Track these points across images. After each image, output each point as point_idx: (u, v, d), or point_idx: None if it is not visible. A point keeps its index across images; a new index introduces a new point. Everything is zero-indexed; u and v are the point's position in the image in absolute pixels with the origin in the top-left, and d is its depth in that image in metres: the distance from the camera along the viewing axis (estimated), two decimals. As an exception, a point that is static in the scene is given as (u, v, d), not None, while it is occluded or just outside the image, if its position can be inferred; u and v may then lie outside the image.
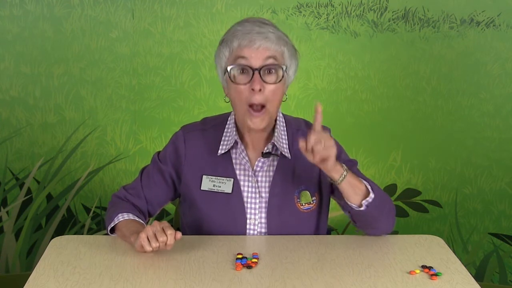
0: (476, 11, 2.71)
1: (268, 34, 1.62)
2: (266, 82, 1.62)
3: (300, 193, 1.74)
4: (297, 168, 1.75)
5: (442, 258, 1.60)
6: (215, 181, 1.74)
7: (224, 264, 1.54)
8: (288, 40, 1.67)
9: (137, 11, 2.72)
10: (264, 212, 1.74)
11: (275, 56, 1.63)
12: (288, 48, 1.66)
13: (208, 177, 1.75)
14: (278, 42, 1.63)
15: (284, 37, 1.66)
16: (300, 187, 1.75)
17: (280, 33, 1.66)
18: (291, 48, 1.67)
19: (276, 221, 1.73)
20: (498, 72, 2.76)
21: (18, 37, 2.72)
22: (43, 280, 1.45)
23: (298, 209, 1.74)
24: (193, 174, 1.76)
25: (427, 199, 2.88)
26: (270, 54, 1.62)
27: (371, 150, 2.85)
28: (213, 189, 1.74)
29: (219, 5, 2.71)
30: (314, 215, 1.78)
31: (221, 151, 1.74)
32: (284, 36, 1.66)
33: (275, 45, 1.62)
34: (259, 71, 1.61)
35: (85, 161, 2.83)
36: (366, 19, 2.74)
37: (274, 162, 1.75)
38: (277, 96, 1.65)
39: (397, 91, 2.80)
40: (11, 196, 2.85)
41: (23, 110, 2.78)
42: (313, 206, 1.76)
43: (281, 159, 1.75)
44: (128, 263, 1.54)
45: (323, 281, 1.45)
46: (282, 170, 1.74)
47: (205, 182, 1.74)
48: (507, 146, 2.82)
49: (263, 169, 1.75)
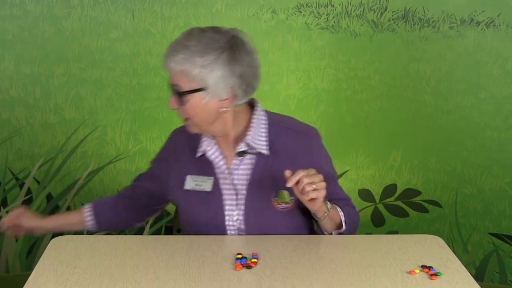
0: (476, 11, 2.71)
1: (171, 57, 1.64)
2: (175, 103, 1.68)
3: (277, 192, 1.72)
4: (277, 166, 1.73)
5: (442, 258, 1.60)
6: (197, 180, 1.78)
7: (223, 264, 1.54)
8: (198, 58, 1.62)
9: (137, 11, 2.72)
10: (242, 210, 1.75)
11: (178, 82, 1.65)
12: (195, 67, 1.62)
13: (191, 176, 1.78)
14: (180, 66, 1.63)
15: (190, 57, 1.62)
16: (279, 186, 1.71)
17: (188, 52, 1.62)
18: (200, 65, 1.62)
19: (254, 218, 1.75)
20: (498, 72, 2.76)
21: (18, 37, 2.72)
22: (43, 280, 1.45)
23: (275, 208, 1.74)
24: (178, 174, 1.81)
25: (427, 199, 2.88)
26: (173, 80, 1.66)
27: (371, 150, 2.85)
28: (195, 188, 1.77)
29: (219, 5, 2.71)
30: (293, 215, 1.76)
31: (198, 154, 1.78)
32: (192, 55, 1.62)
33: (176, 68, 1.63)
34: (172, 92, 1.68)
35: (85, 161, 2.83)
36: (366, 19, 2.74)
37: (251, 160, 1.76)
38: (195, 113, 1.67)
39: (397, 91, 2.80)
40: (11, 196, 2.85)
41: (23, 110, 2.78)
42: (290, 206, 1.75)
43: (260, 157, 1.75)
44: (128, 263, 1.54)
45: (323, 281, 1.45)
46: (260, 168, 1.75)
47: (188, 182, 1.78)
48: (507, 146, 2.82)
49: (240, 167, 1.76)
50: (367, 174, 2.86)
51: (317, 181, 1.56)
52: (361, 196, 2.88)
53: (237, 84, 1.65)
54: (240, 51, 1.65)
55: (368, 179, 2.87)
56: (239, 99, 1.69)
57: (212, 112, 1.68)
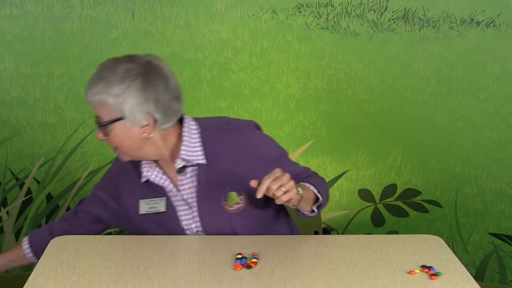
0: (476, 11, 2.71)
1: (88, 90, 1.67)
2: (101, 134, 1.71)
3: (226, 195, 1.72)
4: (218, 171, 1.74)
5: (442, 258, 1.60)
6: (150, 203, 1.79)
7: (223, 264, 1.54)
8: (114, 88, 1.64)
9: (137, 11, 2.72)
10: (198, 221, 1.76)
11: (98, 114, 1.68)
12: (110, 98, 1.64)
13: (144, 200, 1.79)
14: (96, 98, 1.66)
15: (104, 89, 1.64)
16: (226, 189, 1.71)
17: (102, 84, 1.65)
18: (115, 95, 1.64)
19: (212, 226, 1.76)
20: (498, 72, 2.76)
21: (18, 37, 2.72)
22: (43, 280, 1.45)
23: (228, 211, 1.73)
24: (129, 200, 1.81)
25: (427, 199, 2.88)
26: (95, 110, 1.69)
27: (371, 150, 2.84)
28: (150, 211, 1.78)
29: (219, 5, 2.71)
30: (248, 213, 1.76)
31: (143, 179, 1.78)
32: (106, 86, 1.64)
33: (94, 102, 1.67)
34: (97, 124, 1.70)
35: (85, 161, 2.83)
36: (366, 19, 2.74)
37: (194, 172, 1.76)
38: (120, 142, 1.69)
39: (397, 91, 2.80)
40: (11, 196, 2.85)
41: (23, 110, 2.78)
42: (242, 205, 1.73)
43: (200, 167, 1.75)
44: (128, 263, 1.54)
45: (323, 281, 1.45)
46: (204, 178, 1.75)
47: (142, 206, 1.79)
48: (507, 146, 2.82)
49: (186, 182, 1.77)
50: (367, 174, 2.86)
51: (286, 182, 1.54)
52: (361, 196, 2.88)
53: (154, 109, 1.66)
54: (154, 76, 1.66)
55: (368, 179, 2.87)
56: (162, 123, 1.69)
57: (136, 139, 1.69)
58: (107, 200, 1.86)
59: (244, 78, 2.77)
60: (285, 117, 2.80)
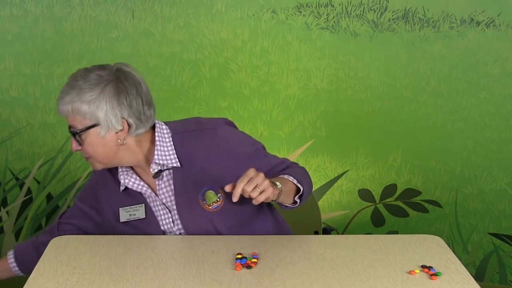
0: (476, 11, 2.72)
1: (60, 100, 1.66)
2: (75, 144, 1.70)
3: (203, 194, 1.73)
4: (193, 172, 1.74)
5: (442, 258, 1.60)
6: (130, 210, 1.79)
7: (223, 264, 1.54)
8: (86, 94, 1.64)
9: (137, 11, 2.72)
10: (179, 224, 1.76)
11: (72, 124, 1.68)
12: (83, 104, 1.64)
13: (124, 208, 1.79)
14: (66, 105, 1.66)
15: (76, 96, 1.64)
16: (203, 189, 1.73)
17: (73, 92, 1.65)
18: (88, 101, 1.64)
19: (193, 227, 1.76)
20: (498, 72, 2.76)
21: (18, 37, 2.72)
22: (43, 280, 1.45)
23: (207, 211, 1.74)
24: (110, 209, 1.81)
25: (427, 199, 2.88)
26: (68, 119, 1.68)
27: (371, 150, 2.85)
28: (131, 218, 1.78)
29: (219, 5, 2.71)
30: (228, 211, 1.75)
31: (122, 187, 1.79)
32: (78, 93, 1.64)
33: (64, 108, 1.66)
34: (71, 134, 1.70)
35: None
36: (366, 19, 2.74)
37: (170, 176, 1.76)
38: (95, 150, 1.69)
39: (397, 91, 2.80)
40: (11, 196, 2.85)
41: (23, 110, 2.78)
42: (220, 203, 1.74)
43: (175, 170, 1.75)
44: (128, 263, 1.54)
45: (323, 281, 1.45)
46: (180, 180, 1.75)
47: (122, 214, 1.79)
48: (507, 146, 2.82)
49: (163, 186, 1.77)
50: (367, 174, 2.86)
51: (260, 182, 1.54)
52: (361, 196, 2.88)
53: (127, 114, 1.67)
54: (126, 81, 1.67)
55: (368, 179, 2.87)
56: (136, 129, 1.69)
57: (110, 146, 1.69)
58: (88, 211, 1.87)
59: (244, 78, 2.77)
60: (285, 117, 2.80)
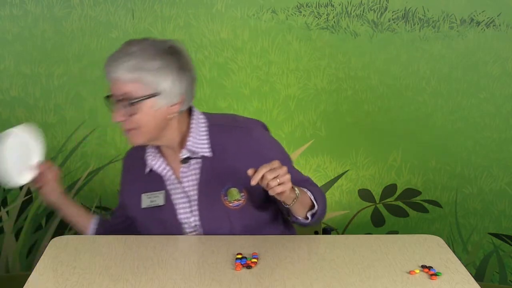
0: (476, 11, 2.71)
1: (119, 65, 1.62)
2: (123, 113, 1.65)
3: (226, 191, 1.74)
4: (222, 166, 1.74)
5: (442, 258, 1.60)
6: (151, 197, 1.79)
7: (223, 264, 1.54)
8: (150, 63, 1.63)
9: (137, 11, 2.72)
10: (197, 215, 1.76)
11: (128, 91, 1.63)
12: (147, 72, 1.63)
13: (146, 194, 1.80)
14: (131, 73, 1.62)
15: (141, 63, 1.62)
16: (227, 185, 1.74)
17: (137, 59, 1.62)
18: (154, 70, 1.63)
19: (209, 221, 1.76)
20: (498, 72, 2.76)
21: (18, 37, 2.72)
22: (43, 280, 1.45)
23: (227, 207, 1.74)
24: (134, 195, 1.82)
25: (427, 199, 2.88)
26: (122, 90, 1.63)
27: (371, 150, 2.84)
28: (151, 205, 1.79)
29: (219, 5, 2.71)
30: (247, 211, 1.76)
31: (147, 170, 1.79)
32: (143, 60, 1.62)
33: (127, 77, 1.62)
34: (119, 103, 1.65)
35: (85, 161, 2.83)
36: (366, 19, 2.74)
37: (198, 165, 1.76)
38: (145, 121, 1.66)
39: (397, 91, 2.80)
40: (11, 196, 2.85)
41: (23, 110, 2.78)
42: (242, 202, 1.75)
43: (204, 160, 1.75)
44: (128, 263, 1.54)
45: (323, 281, 1.45)
46: (207, 171, 1.75)
47: (144, 200, 1.80)
48: (507, 146, 2.82)
49: (188, 173, 1.77)
50: (367, 174, 2.86)
51: (282, 174, 1.54)
52: (361, 196, 2.88)
53: (185, 89, 1.67)
54: (184, 57, 1.69)
55: (368, 179, 2.87)
56: (185, 105, 1.70)
57: (161, 119, 1.68)
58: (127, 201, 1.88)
59: (244, 78, 2.77)
60: (285, 117, 2.80)
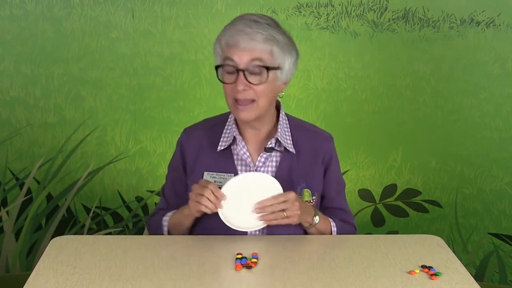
0: (476, 11, 2.71)
1: (255, 35, 1.62)
2: (251, 82, 1.64)
3: (302, 190, 1.75)
4: (300, 165, 1.76)
5: (442, 258, 1.60)
6: (216, 177, 1.75)
7: (224, 264, 1.54)
8: (281, 36, 1.66)
9: (137, 11, 2.72)
10: None
11: (261, 58, 1.64)
12: (279, 45, 1.65)
13: (209, 173, 1.76)
14: (266, 42, 1.63)
15: (275, 35, 1.64)
16: (302, 185, 1.76)
17: (271, 31, 1.64)
18: (284, 44, 1.67)
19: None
20: (498, 72, 2.76)
21: (18, 37, 2.72)
22: (43, 280, 1.45)
23: None
24: (195, 171, 1.78)
25: (427, 199, 2.88)
26: (255, 56, 1.63)
27: (371, 150, 2.85)
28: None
29: (219, 5, 2.71)
30: None
31: (220, 147, 1.76)
32: (276, 33, 1.65)
33: (262, 45, 1.63)
34: (244, 72, 1.63)
35: (85, 161, 2.83)
36: (366, 19, 2.74)
37: (276, 158, 1.76)
38: (266, 93, 1.67)
39: (397, 91, 2.80)
40: (11, 196, 2.85)
41: (23, 110, 2.78)
42: (312, 205, 1.77)
43: (284, 155, 1.76)
44: (128, 263, 1.54)
45: (323, 281, 1.45)
46: (285, 166, 1.75)
47: (206, 178, 1.75)
48: (507, 146, 2.82)
49: (265, 164, 1.76)
50: (367, 174, 2.86)
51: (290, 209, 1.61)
52: (361, 196, 2.88)
53: (293, 73, 1.73)
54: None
55: (368, 179, 2.87)
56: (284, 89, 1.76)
57: (273, 96, 1.72)
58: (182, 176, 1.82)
59: (244, 78, 2.77)
60: (285, 117, 2.80)
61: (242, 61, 1.63)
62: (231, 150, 1.77)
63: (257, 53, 1.63)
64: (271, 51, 1.64)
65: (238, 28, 1.63)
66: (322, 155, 1.80)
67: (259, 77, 1.65)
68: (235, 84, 1.64)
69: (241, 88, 1.64)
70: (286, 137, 1.76)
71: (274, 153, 1.76)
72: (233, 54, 1.63)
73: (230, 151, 1.77)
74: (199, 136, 1.80)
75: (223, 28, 1.69)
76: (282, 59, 1.67)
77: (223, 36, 1.66)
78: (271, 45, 1.64)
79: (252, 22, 1.64)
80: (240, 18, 1.67)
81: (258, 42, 1.62)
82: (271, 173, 1.76)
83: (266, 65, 1.64)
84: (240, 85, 1.63)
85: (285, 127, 1.78)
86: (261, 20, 1.66)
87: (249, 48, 1.62)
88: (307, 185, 1.76)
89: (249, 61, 1.63)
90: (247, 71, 1.64)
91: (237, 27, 1.64)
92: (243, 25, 1.63)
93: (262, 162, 1.76)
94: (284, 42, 1.67)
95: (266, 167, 1.76)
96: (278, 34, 1.65)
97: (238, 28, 1.63)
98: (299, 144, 1.77)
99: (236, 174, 1.74)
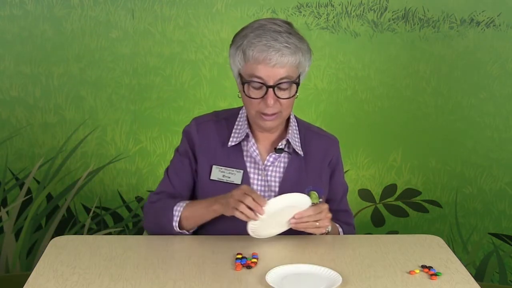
0: (476, 11, 2.71)
1: (283, 50, 1.61)
2: (279, 97, 1.65)
3: (309, 192, 1.75)
4: (308, 167, 1.78)
5: (442, 258, 1.60)
6: (225, 172, 1.75)
7: (223, 264, 1.54)
8: (302, 44, 1.66)
9: (137, 11, 2.72)
10: None
11: (290, 75, 1.64)
12: (303, 54, 1.66)
13: (218, 167, 1.76)
14: (293, 55, 1.62)
15: (298, 44, 1.64)
16: (309, 187, 1.77)
17: (294, 39, 1.63)
18: (305, 52, 1.67)
19: None
20: (498, 72, 2.76)
21: (18, 37, 2.72)
22: (43, 280, 1.45)
23: None
24: (204, 163, 1.77)
25: (427, 199, 2.88)
26: (284, 74, 1.63)
27: (371, 150, 2.84)
28: (222, 179, 1.75)
29: (219, 5, 2.71)
30: None
31: (231, 143, 1.76)
32: (297, 41, 1.64)
33: (290, 59, 1.62)
34: (274, 88, 1.63)
35: (85, 161, 2.83)
36: (366, 19, 2.74)
37: (284, 159, 1.78)
38: (291, 104, 1.70)
39: (397, 91, 2.80)
40: (11, 196, 2.85)
41: (23, 110, 2.78)
42: None
43: (293, 156, 1.77)
44: (128, 263, 1.54)
45: (323, 281, 1.45)
46: (293, 168, 1.77)
47: (214, 172, 1.75)
48: (507, 146, 2.82)
49: (274, 164, 1.77)
50: (367, 174, 2.86)
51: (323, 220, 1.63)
52: (361, 196, 2.88)
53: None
54: None
55: (368, 179, 2.87)
56: None
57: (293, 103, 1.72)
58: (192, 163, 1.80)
59: (244, 78, 2.77)
60: (285, 117, 2.80)
61: (272, 79, 1.63)
62: (241, 146, 1.77)
63: (287, 70, 1.62)
64: (298, 63, 1.65)
65: (265, 43, 1.60)
66: (329, 158, 1.82)
67: (288, 92, 1.66)
68: (262, 98, 1.64)
69: (271, 103, 1.63)
70: (295, 139, 1.78)
71: (284, 154, 1.77)
72: (262, 72, 1.62)
73: (240, 147, 1.77)
74: (209, 128, 1.79)
75: (244, 35, 1.65)
76: (304, 66, 1.69)
77: (249, 49, 1.62)
78: (298, 58, 1.64)
79: (277, 33, 1.62)
80: (262, 28, 1.64)
81: (286, 57, 1.61)
82: (279, 173, 1.77)
83: (294, 79, 1.65)
84: (270, 102, 1.63)
85: (295, 129, 1.79)
86: (281, 29, 1.64)
87: (279, 65, 1.61)
88: (314, 188, 1.77)
89: (279, 77, 1.63)
90: (276, 87, 1.64)
91: (263, 40, 1.61)
92: (269, 38, 1.61)
93: (270, 162, 1.77)
94: (305, 49, 1.67)
95: (275, 167, 1.77)
96: (299, 41, 1.65)
97: (264, 43, 1.61)
98: (307, 146, 1.79)
99: (245, 171, 1.74)
